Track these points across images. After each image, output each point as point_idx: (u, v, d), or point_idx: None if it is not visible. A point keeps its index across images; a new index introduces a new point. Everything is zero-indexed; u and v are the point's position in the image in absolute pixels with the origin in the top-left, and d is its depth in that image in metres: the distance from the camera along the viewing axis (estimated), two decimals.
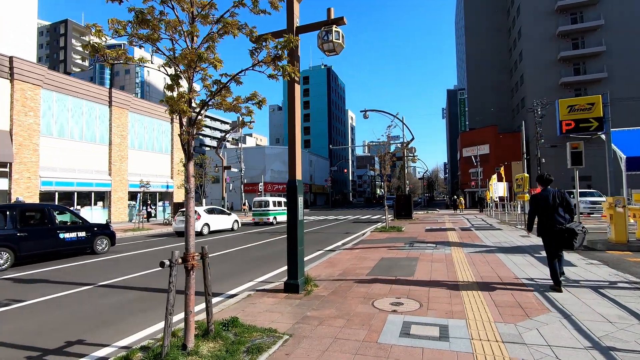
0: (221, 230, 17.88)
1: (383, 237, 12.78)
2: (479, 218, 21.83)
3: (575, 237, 4.78)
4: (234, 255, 10.16)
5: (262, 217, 22.14)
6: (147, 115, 28.10)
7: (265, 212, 22.08)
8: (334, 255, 9.19)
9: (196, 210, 16.42)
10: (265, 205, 22.33)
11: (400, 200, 21.16)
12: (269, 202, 22.44)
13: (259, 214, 22.32)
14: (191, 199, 3.29)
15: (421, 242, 10.79)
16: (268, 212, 22.06)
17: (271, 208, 22.32)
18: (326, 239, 13.51)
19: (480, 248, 9.25)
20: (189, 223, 3.25)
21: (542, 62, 41.22)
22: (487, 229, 14.19)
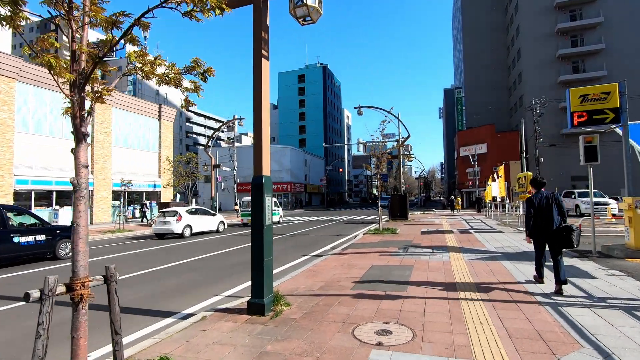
0: (205, 232, 16.87)
1: (375, 240, 11.82)
2: (477, 219, 20.95)
3: (572, 233, 4.88)
4: (209, 262, 9.15)
5: (250, 217, 21.03)
6: (133, 111, 26.99)
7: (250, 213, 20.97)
8: (319, 261, 8.22)
9: (177, 211, 15.47)
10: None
11: (395, 201, 20.22)
12: None
13: (248, 214, 21.15)
14: (81, 200, 2.30)
15: (416, 247, 9.83)
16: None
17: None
18: (314, 243, 12.53)
19: (482, 254, 8.30)
20: (77, 234, 2.24)
21: (541, 60, 40.49)
22: (488, 231, 13.27)
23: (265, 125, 4.62)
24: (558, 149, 37.74)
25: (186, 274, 7.69)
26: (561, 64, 39.98)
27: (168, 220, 15.06)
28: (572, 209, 22.54)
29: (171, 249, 12.00)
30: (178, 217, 15.10)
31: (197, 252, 10.93)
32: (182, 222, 15.16)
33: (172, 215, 15.26)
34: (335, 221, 23.62)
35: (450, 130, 78.69)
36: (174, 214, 15.26)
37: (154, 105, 29.25)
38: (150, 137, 28.64)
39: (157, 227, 15.20)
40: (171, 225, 14.92)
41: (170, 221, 15.02)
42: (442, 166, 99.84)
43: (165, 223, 15.06)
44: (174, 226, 14.89)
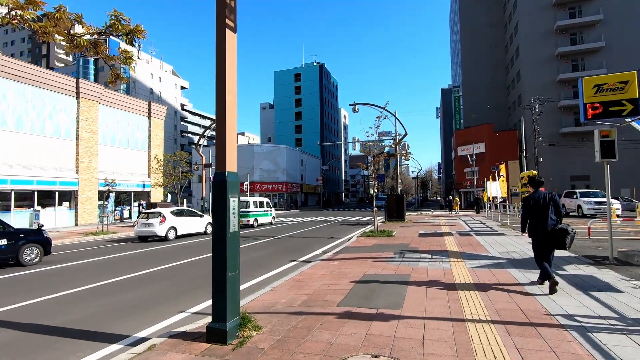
0: (192, 234, 16.00)
1: (370, 243, 11.03)
2: (476, 220, 20.21)
3: (567, 236, 4.91)
4: (186, 269, 8.33)
5: (241, 218, 19.92)
6: (122, 108, 26.08)
7: (245, 214, 19.85)
8: (306, 269, 7.42)
9: (160, 212, 14.64)
10: (245, 206, 20.15)
11: (391, 201, 19.45)
12: (249, 203, 20.27)
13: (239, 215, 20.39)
14: None
15: (414, 251, 9.05)
16: (248, 213, 19.89)
17: (252, 209, 20.19)
18: (305, 246, 11.73)
19: (486, 260, 7.53)
20: None
21: (540, 58, 39.88)
22: (489, 234, 12.51)
23: (231, 111, 3.81)
24: (557, 148, 37.12)
25: (156, 283, 6.87)
26: (560, 62, 39.40)
27: (151, 222, 14.16)
28: (574, 210, 21.87)
29: (150, 253, 11.16)
30: (161, 219, 14.25)
31: (178, 257, 10.10)
32: (165, 224, 14.30)
33: (155, 216, 14.40)
34: (330, 222, 22.83)
35: (448, 130, 78.12)
36: (157, 215, 14.39)
37: (144, 103, 28.35)
38: (140, 135, 27.73)
39: (139, 229, 14.28)
40: (154, 228, 14.02)
41: (153, 223, 14.12)
42: (440, 166, 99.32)
43: (147, 225, 14.14)
44: (156, 228, 14.01)
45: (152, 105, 28.64)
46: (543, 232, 5.04)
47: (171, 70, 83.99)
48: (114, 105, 25.41)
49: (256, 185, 50.44)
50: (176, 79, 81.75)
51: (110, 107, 25.18)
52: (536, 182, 5.39)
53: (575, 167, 38.06)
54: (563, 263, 6.89)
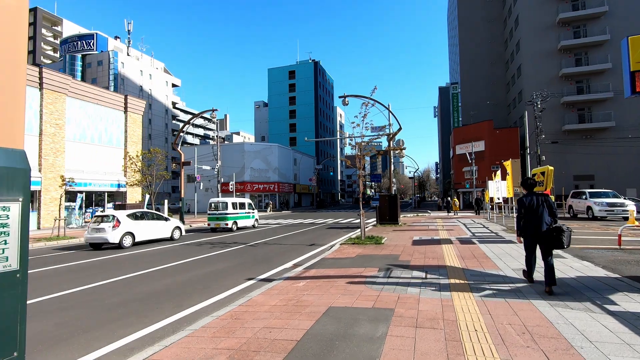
0: (155, 240, 14.16)
1: (353, 254, 9.14)
2: (477, 223, 18.37)
3: (562, 234, 4.89)
4: (116, 290, 6.41)
5: (218, 221, 18.11)
6: (94, 102, 24.09)
7: (222, 216, 18.07)
8: (258, 295, 5.52)
9: (114, 216, 12.65)
10: (223, 208, 18.35)
11: (384, 202, 17.54)
12: (228, 204, 18.37)
13: (215, 217, 18.29)
14: None
15: (404, 267, 7.17)
16: (226, 216, 18.02)
17: (230, 211, 18.24)
18: (276, 256, 9.82)
19: (499, 284, 5.65)
20: None
21: (541, 52, 38.16)
22: (495, 241, 10.64)
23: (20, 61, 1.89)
24: (560, 146, 35.33)
25: (55, 315, 4.94)
26: (563, 56, 37.67)
27: (102, 227, 12.20)
28: (582, 211, 20.06)
29: (90, 266, 9.22)
30: (115, 223, 12.32)
31: (122, 270, 8.19)
32: (120, 229, 12.37)
33: (108, 220, 12.47)
34: (319, 225, 20.94)
35: (446, 129, 76.42)
36: (110, 219, 12.46)
37: (119, 96, 26.36)
38: (115, 131, 25.74)
39: (90, 236, 12.34)
40: (105, 233, 12.08)
41: (104, 228, 12.16)
42: (437, 166, 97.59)
43: (98, 230, 12.20)
44: (108, 234, 12.07)
45: (129, 99, 26.66)
46: (538, 233, 5.09)
47: (163, 67, 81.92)
48: (84, 98, 23.42)
49: (246, 185, 48.47)
50: (168, 76, 79.64)
51: (80, 100, 23.19)
52: (529, 184, 5.44)
53: (578, 166, 36.34)
54: (606, 290, 5.02)
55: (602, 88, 36.02)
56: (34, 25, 73.82)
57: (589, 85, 36.91)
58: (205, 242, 13.86)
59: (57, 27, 78.84)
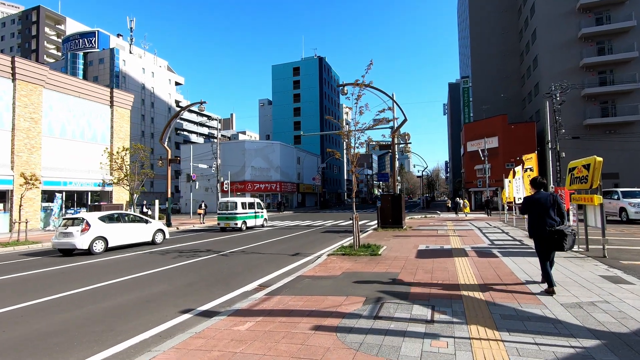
0: (133, 244, 12.69)
1: (338, 270, 7.09)
2: (493, 227, 16.12)
3: (564, 238, 4.87)
4: (41, 317, 4.47)
5: (228, 221, 17.99)
6: (75, 95, 22.44)
7: (232, 216, 17.88)
8: (170, 348, 3.52)
9: (83, 218, 11.32)
10: (232, 207, 18.22)
11: (386, 202, 15.39)
12: (237, 204, 18.27)
13: (225, 217, 18.09)
14: None
15: (401, 297, 5.09)
16: (235, 215, 17.86)
17: (239, 211, 18.15)
18: (243, 272, 7.82)
19: (552, 335, 3.55)
20: None
21: (560, 41, 35.46)
22: (522, 252, 8.48)
23: None
24: (581, 142, 32.58)
25: None
26: (584, 45, 34.90)
27: (70, 231, 10.91)
28: (614, 213, 17.61)
29: (32, 279, 7.35)
30: (84, 227, 11.00)
31: (68, 285, 6.28)
32: (89, 233, 10.98)
33: (77, 223, 11.19)
34: (315, 228, 18.93)
35: (456, 127, 73.65)
36: (80, 222, 11.18)
37: (104, 89, 24.71)
38: (100, 126, 24.09)
39: (57, 240, 11.02)
40: (73, 238, 10.76)
41: (72, 232, 10.86)
42: (447, 165, 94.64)
43: (66, 235, 10.91)
44: (76, 239, 10.75)
45: (115, 92, 24.99)
46: (542, 234, 5.03)
47: (166, 65, 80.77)
48: (64, 91, 21.79)
49: (247, 184, 46.70)
50: (171, 74, 78.43)
51: (60, 93, 21.56)
52: (538, 183, 5.33)
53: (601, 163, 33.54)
54: None
55: (627, 79, 33.20)
56: (37, 24, 73.31)
57: (613, 76, 34.12)
58: (182, 248, 11.94)
59: (61, 25, 78.28)
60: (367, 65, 9.43)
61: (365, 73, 9.45)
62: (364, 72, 9.52)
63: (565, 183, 8.57)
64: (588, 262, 7.00)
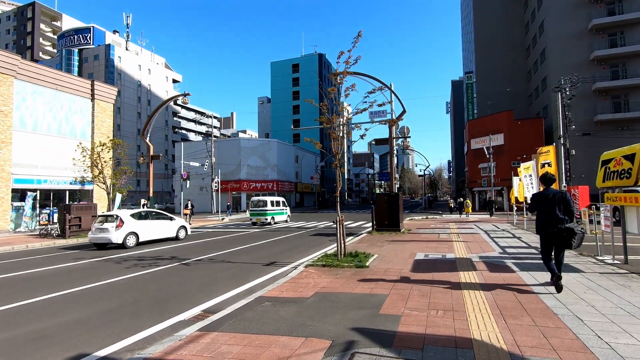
0: (160, 239, 13.57)
1: (310, 289, 5.52)
2: (502, 229, 14.48)
3: (573, 236, 4.78)
4: None
5: (259, 216, 20.84)
6: (51, 87, 20.97)
7: (262, 212, 20.82)
8: None
9: (117, 216, 12.25)
10: (263, 205, 21.09)
11: (382, 203, 13.76)
12: (267, 202, 21.19)
13: (257, 213, 20.92)
14: None
15: (382, 344, 3.50)
16: (266, 212, 20.84)
17: (269, 208, 21.14)
18: (193, 290, 6.25)
19: None
20: None
21: (569, 33, 33.67)
22: (543, 267, 6.87)
23: None
24: (592, 139, 30.79)
25: None
26: (595, 37, 33.11)
27: (105, 227, 11.90)
28: None
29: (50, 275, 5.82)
30: (118, 223, 11.99)
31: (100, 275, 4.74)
32: (123, 229, 11.97)
33: (112, 220, 12.15)
34: (307, 230, 17.37)
35: (459, 125, 71.89)
36: (114, 219, 12.15)
37: (85, 81, 23.24)
38: (80, 121, 22.61)
39: (93, 236, 12.11)
40: (109, 234, 11.76)
41: (107, 228, 11.84)
42: (450, 164, 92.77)
43: (102, 230, 11.91)
44: (112, 234, 11.76)
45: (97, 85, 23.51)
46: (550, 231, 4.92)
47: (163, 62, 79.46)
48: (39, 82, 20.33)
49: (243, 183, 45.19)
50: (168, 71, 77.08)
51: (34, 85, 20.10)
52: (548, 179, 5.19)
53: None
54: None
55: None
56: (32, 20, 72.09)
57: (626, 69, 32.32)
58: (143, 255, 10.39)
59: (57, 22, 77.06)
60: (355, 38, 7.85)
61: (352, 47, 7.89)
62: (351, 46, 7.93)
63: (597, 179, 6.97)
64: (636, 282, 5.38)
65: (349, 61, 7.89)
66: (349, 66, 7.99)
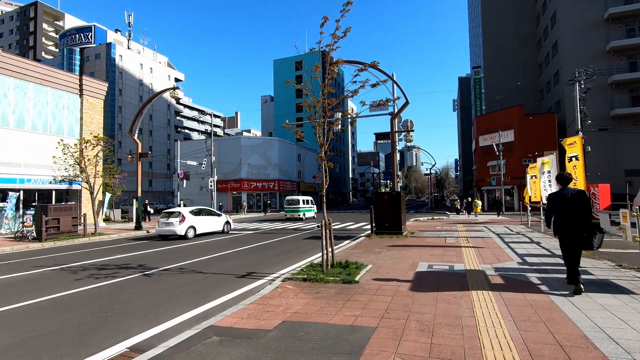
0: (210, 232, 15.89)
1: (277, 318, 4.23)
2: (516, 232, 13.05)
3: (594, 236, 4.62)
4: None
5: (293, 213, 24.75)
6: (35, 81, 19.95)
7: (296, 209, 24.68)
8: None
9: (180, 212, 14.67)
10: (295, 203, 24.99)
11: (382, 203, 12.40)
12: (299, 201, 25.14)
13: (291, 210, 24.85)
14: None
15: None
16: (298, 209, 24.61)
17: (301, 206, 24.93)
18: (137, 312, 4.98)
19: None
20: None
21: (583, 23, 31.94)
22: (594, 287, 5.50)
23: None
24: (608, 134, 29.08)
25: None
26: (611, 27, 31.33)
27: (171, 222, 14.38)
28: None
29: None
30: (181, 218, 14.39)
31: None
32: (185, 224, 14.34)
33: (175, 216, 14.58)
34: (302, 232, 16.10)
35: (466, 123, 70.03)
36: (177, 215, 14.58)
37: (72, 76, 22.21)
38: (68, 117, 21.58)
39: (160, 229, 14.56)
40: (174, 227, 14.18)
41: (172, 222, 14.30)
42: (457, 163, 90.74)
43: (167, 224, 14.39)
44: (176, 227, 14.16)
45: (85, 80, 22.46)
46: (569, 231, 4.69)
47: (166, 61, 78.78)
48: (22, 77, 19.30)
49: (243, 183, 44.06)
50: (170, 70, 76.32)
51: (15, 79, 19.08)
52: (564, 178, 5.02)
53: (631, 158, 29.95)
54: None
55: None
56: (35, 20, 71.83)
57: None
58: (105, 262, 9.20)
59: (59, 22, 76.76)
60: (344, 5, 6.52)
61: (341, 17, 6.58)
62: (339, 17, 6.61)
63: None
64: None
65: (336, 34, 6.56)
66: (337, 41, 6.67)
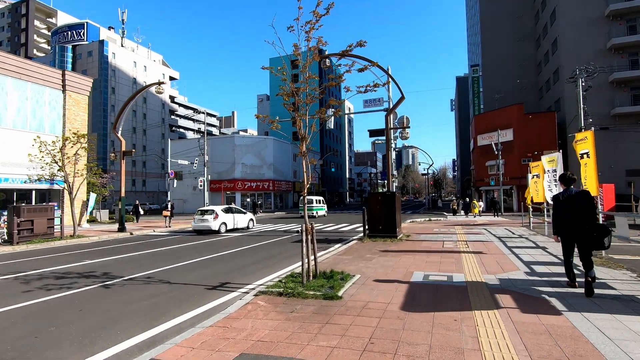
0: (238, 228, 17.63)
1: (235, 349, 3.40)
2: (518, 235, 12.28)
3: (605, 235, 4.49)
4: None
5: (309, 211, 23.24)
6: (15, 75, 19.05)
7: (309, 208, 24.54)
8: None
9: (214, 210, 16.39)
10: (309, 202, 24.81)
11: (375, 204, 11.58)
12: (313, 200, 26.51)
13: (309, 209, 23.65)
14: None
15: None
16: (312, 207, 25.48)
17: (315, 205, 26.33)
18: (64, 340, 4.13)
19: None
20: None
21: (584, 20, 31.31)
22: (601, 296, 4.70)
23: None
24: (609, 134, 28.43)
25: None
26: (612, 24, 30.69)
27: (206, 218, 16.06)
28: None
29: None
30: (215, 216, 16.13)
31: None
32: (218, 220, 16.08)
33: (210, 214, 16.23)
34: (291, 235, 15.25)
35: (464, 123, 69.37)
36: (212, 213, 16.24)
37: (55, 71, 21.33)
38: (49, 114, 20.67)
39: (196, 225, 16.16)
40: (209, 223, 15.92)
41: (208, 219, 16.02)
42: (455, 163, 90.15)
43: (203, 221, 16.06)
44: (211, 223, 15.92)
45: (68, 75, 21.59)
46: (575, 231, 4.64)
47: (160, 59, 77.71)
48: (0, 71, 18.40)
49: (237, 183, 43.15)
50: (165, 68, 75.30)
51: None
52: (568, 179, 4.99)
53: (633, 158, 29.31)
54: None
55: None
56: (27, 16, 70.59)
57: None
58: (70, 269, 8.34)
59: (52, 19, 75.54)
60: None
61: None
62: None
63: None
64: None
65: (317, 11, 5.75)
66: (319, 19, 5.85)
